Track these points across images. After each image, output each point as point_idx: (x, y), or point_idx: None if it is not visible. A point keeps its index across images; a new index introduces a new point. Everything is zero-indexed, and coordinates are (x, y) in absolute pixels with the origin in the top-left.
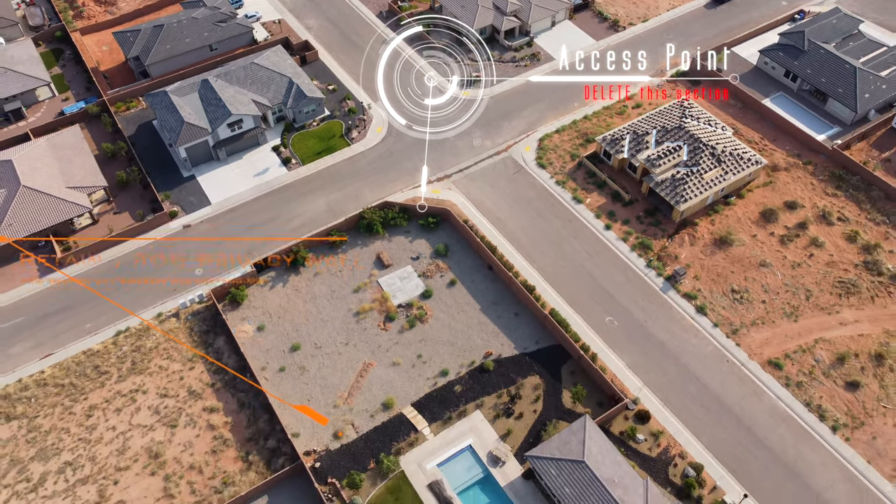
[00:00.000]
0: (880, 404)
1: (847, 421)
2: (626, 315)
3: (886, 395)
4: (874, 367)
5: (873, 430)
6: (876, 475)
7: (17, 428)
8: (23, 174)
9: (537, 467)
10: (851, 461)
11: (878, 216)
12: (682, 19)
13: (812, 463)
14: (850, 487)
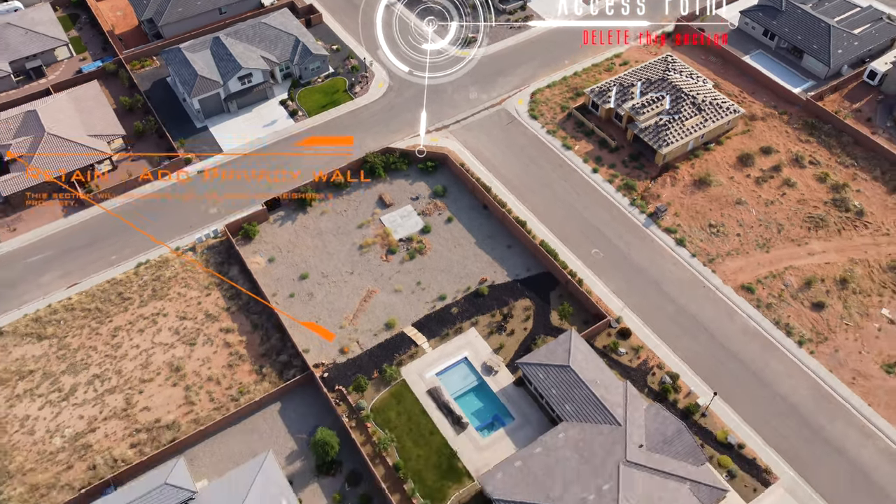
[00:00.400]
0: (843, 322)
1: (812, 336)
2: (611, 247)
3: (849, 314)
4: (838, 290)
5: (836, 344)
6: (837, 381)
7: (48, 346)
8: (47, 122)
9: (527, 372)
10: (815, 371)
11: (847, 160)
12: None
13: (779, 372)
14: (813, 392)
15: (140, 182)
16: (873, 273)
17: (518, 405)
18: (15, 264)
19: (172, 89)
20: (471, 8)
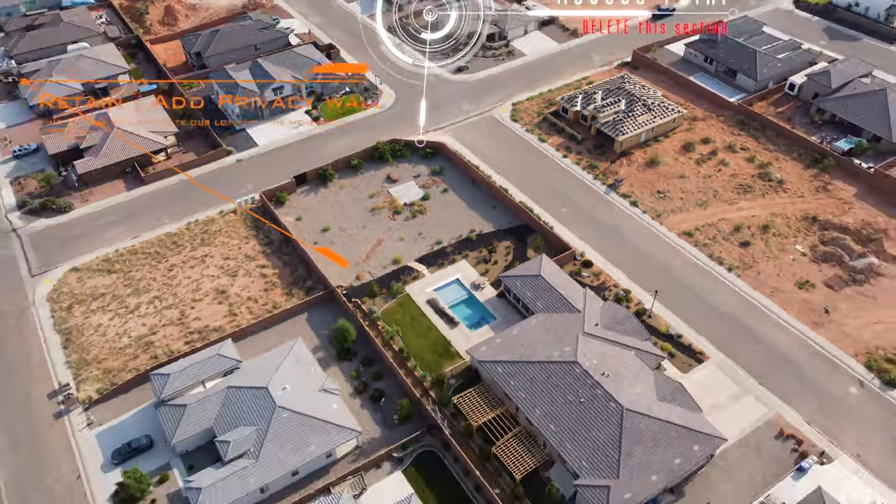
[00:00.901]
0: (764, 255)
1: (739, 265)
2: (578, 208)
3: (769, 249)
4: (761, 234)
5: (758, 269)
6: (759, 294)
7: (116, 278)
8: (115, 121)
9: (507, 283)
10: (741, 287)
11: (770, 146)
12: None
13: (712, 290)
14: (740, 302)
15: (191, 166)
16: (789, 222)
17: (499, 310)
18: (88, 223)
19: (215, 103)
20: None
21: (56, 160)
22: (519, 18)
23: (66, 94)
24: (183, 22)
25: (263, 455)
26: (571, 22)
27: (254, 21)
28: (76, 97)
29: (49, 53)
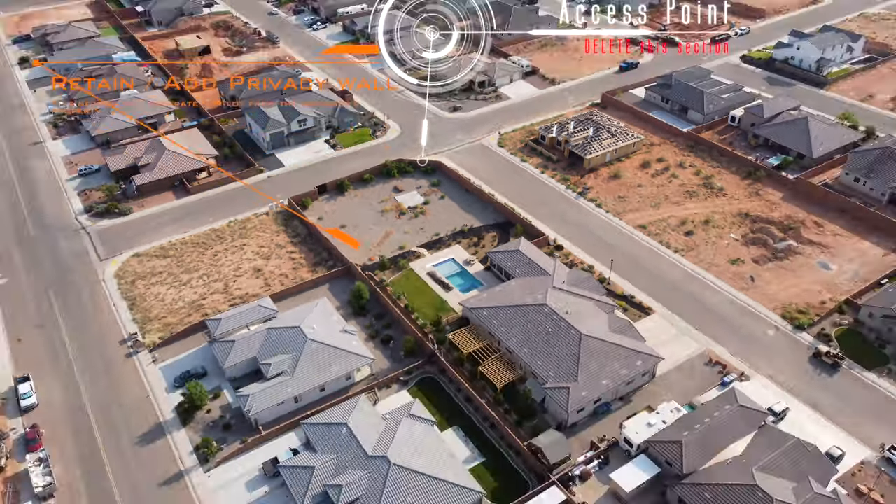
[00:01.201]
0: (704, 241)
1: (684, 248)
2: (552, 210)
3: (708, 237)
4: (703, 226)
5: (699, 251)
6: (698, 269)
7: (170, 261)
8: (166, 145)
9: (492, 258)
10: (685, 264)
11: (714, 163)
12: (599, 77)
13: (661, 266)
14: (683, 275)
15: (230, 180)
16: (726, 217)
17: (486, 280)
18: (145, 223)
19: (249, 135)
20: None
21: (116, 176)
22: (505, 71)
23: (122, 127)
24: (217, 75)
25: (297, 374)
26: (549, 69)
27: (279, 71)
28: (130, 130)
29: (105, 98)
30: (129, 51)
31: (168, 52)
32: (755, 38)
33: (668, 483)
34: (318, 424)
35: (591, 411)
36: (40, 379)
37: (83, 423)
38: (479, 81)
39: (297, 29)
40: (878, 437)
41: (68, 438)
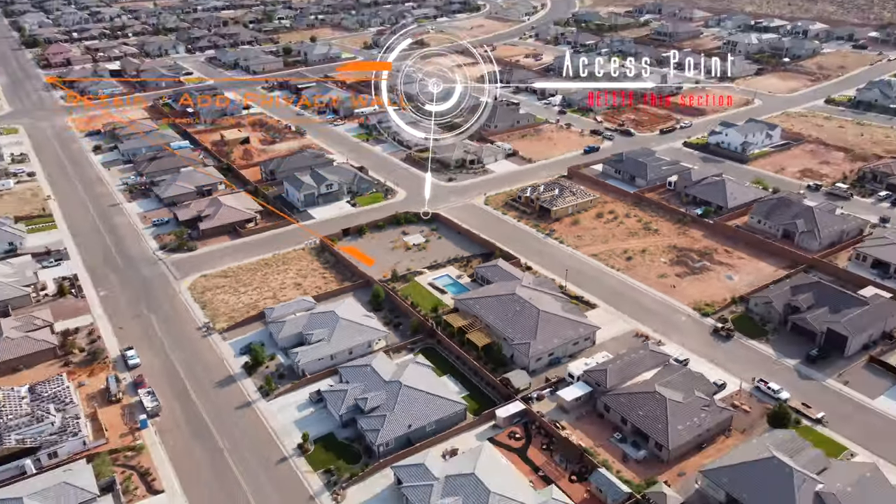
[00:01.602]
0: (639, 264)
1: (624, 268)
2: (525, 245)
3: (643, 261)
4: (640, 254)
5: (635, 270)
6: (634, 280)
7: (229, 279)
8: (223, 201)
9: (477, 271)
10: (624, 279)
11: (653, 214)
12: (567, 157)
13: (606, 280)
14: (622, 285)
15: (272, 227)
16: (658, 248)
17: (473, 288)
18: (207, 256)
19: (284, 198)
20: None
21: (184, 224)
22: (490, 153)
23: (184, 192)
24: (257, 157)
25: (332, 341)
26: (526, 152)
27: (308, 152)
28: (191, 194)
29: (167, 173)
30: (183, 140)
31: (214, 142)
32: (696, 129)
33: (597, 395)
34: (349, 367)
35: (546, 362)
36: (139, 350)
37: (175, 376)
38: (470, 160)
39: (321, 124)
40: (753, 375)
41: (165, 385)
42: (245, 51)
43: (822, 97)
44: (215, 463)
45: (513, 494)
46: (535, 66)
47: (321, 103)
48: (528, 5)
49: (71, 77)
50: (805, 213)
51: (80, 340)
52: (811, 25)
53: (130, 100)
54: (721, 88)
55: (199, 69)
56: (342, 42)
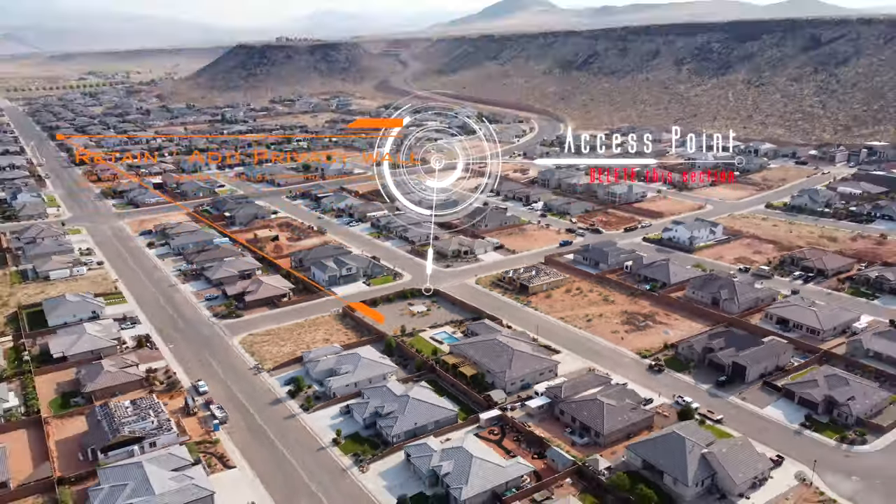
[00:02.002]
0: (598, 324)
1: (584, 326)
2: (507, 311)
3: (600, 322)
4: (598, 317)
5: (593, 328)
6: (592, 336)
7: (271, 336)
8: (262, 280)
9: (468, 326)
10: (584, 334)
11: (611, 289)
12: (545, 250)
13: (569, 335)
14: (582, 338)
15: (303, 300)
16: (613, 314)
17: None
18: (252, 321)
19: (311, 279)
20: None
21: (232, 298)
22: (481, 244)
23: (229, 275)
24: (286, 251)
25: (355, 373)
26: (511, 245)
27: (330, 247)
28: (234, 277)
29: (213, 261)
30: (223, 238)
31: (249, 239)
32: (655, 228)
33: (555, 404)
34: (370, 388)
35: (519, 387)
36: (206, 383)
37: (235, 399)
38: (464, 251)
39: (339, 226)
40: (673, 394)
41: (229, 405)
42: (270, 167)
43: (763, 203)
44: (272, 451)
45: (489, 459)
46: (522, 178)
47: (338, 208)
48: (518, 129)
49: (120, 189)
50: (728, 285)
51: (159, 376)
52: (761, 145)
53: (173, 207)
54: (680, 196)
55: (230, 182)
56: (354, 160)
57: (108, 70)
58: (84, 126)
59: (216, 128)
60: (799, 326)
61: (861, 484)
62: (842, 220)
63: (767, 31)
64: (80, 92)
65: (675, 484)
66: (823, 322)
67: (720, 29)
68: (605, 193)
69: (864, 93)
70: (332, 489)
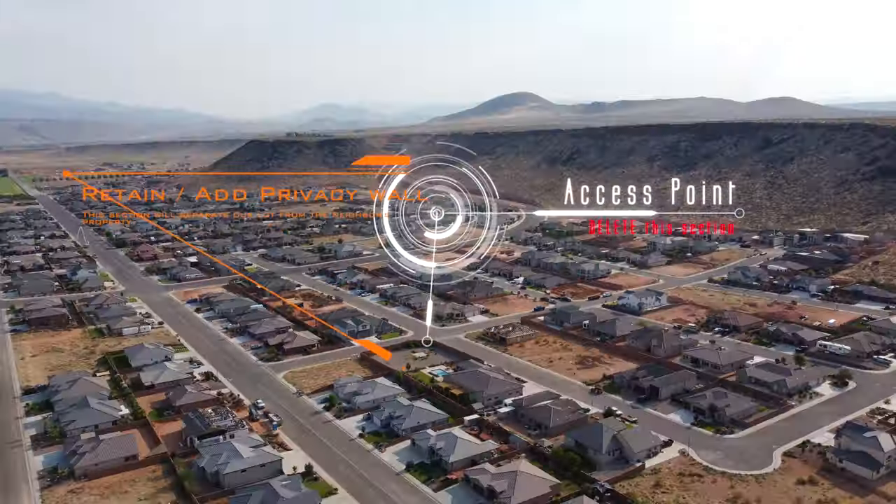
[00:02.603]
0: (559, 367)
1: (546, 366)
2: (489, 357)
3: (561, 364)
4: (558, 360)
5: (553, 366)
6: (553, 371)
7: (306, 373)
8: (296, 333)
9: (458, 367)
10: (547, 370)
11: (571, 342)
12: (523, 314)
13: (536, 372)
14: (545, 373)
15: (333, 348)
16: (570, 357)
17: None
18: (289, 363)
19: (336, 336)
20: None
21: (272, 347)
22: (469, 309)
23: (269, 330)
24: (309, 314)
25: (374, 393)
26: (495, 310)
27: (347, 310)
28: (272, 332)
29: (253, 321)
30: (258, 304)
31: (278, 307)
32: (614, 297)
33: (517, 410)
34: (384, 402)
35: (493, 402)
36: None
37: (285, 412)
38: (456, 314)
39: (352, 296)
40: (606, 406)
41: (282, 415)
42: (290, 249)
43: (706, 278)
44: (317, 441)
45: (470, 440)
46: (507, 259)
47: (351, 282)
48: (507, 218)
49: (162, 266)
50: (658, 335)
51: (227, 397)
52: (713, 232)
53: (211, 282)
54: (640, 273)
55: (255, 262)
56: (363, 243)
57: (123, 161)
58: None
59: (236, 217)
60: (706, 363)
61: (721, 455)
62: (766, 291)
63: (728, 132)
64: (103, 182)
65: (595, 454)
66: (723, 360)
67: (688, 130)
68: (576, 270)
69: (804, 187)
70: (361, 461)
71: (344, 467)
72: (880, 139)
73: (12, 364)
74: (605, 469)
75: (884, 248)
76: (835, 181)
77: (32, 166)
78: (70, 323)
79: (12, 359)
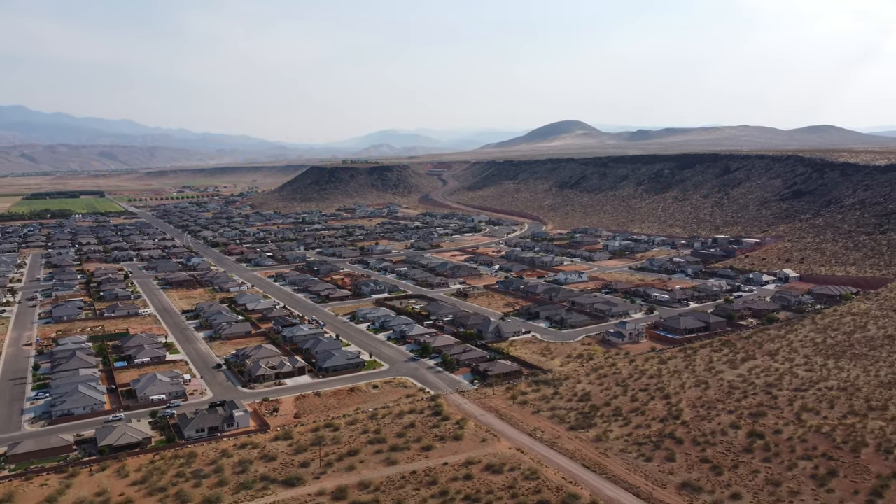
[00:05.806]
0: (493, 305)
1: (487, 305)
2: (457, 304)
3: (497, 306)
4: (497, 305)
5: (490, 306)
6: (489, 308)
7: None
8: (333, 290)
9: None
10: (484, 309)
11: (508, 297)
12: (488, 284)
13: (483, 310)
14: (483, 310)
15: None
16: (505, 303)
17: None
18: (327, 305)
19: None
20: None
21: (321, 297)
22: (453, 280)
23: (321, 289)
24: (350, 283)
25: (378, 313)
26: (470, 283)
27: (374, 280)
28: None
29: (317, 286)
30: (315, 277)
31: (332, 280)
32: (554, 277)
33: (453, 318)
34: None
35: (444, 317)
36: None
37: (328, 322)
38: (441, 283)
39: (380, 274)
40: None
41: (326, 323)
42: (338, 248)
43: (627, 266)
44: (343, 331)
45: (420, 328)
46: (494, 255)
47: (379, 267)
48: (510, 228)
49: (248, 258)
50: (556, 291)
51: (298, 317)
52: (656, 237)
53: (280, 266)
54: (585, 264)
55: (314, 256)
56: (393, 246)
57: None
58: (206, 225)
59: (299, 227)
60: (576, 303)
61: (552, 337)
62: (660, 274)
63: (700, 161)
64: (188, 201)
65: (484, 333)
66: (584, 301)
67: (671, 160)
68: (539, 262)
69: (737, 205)
70: (366, 338)
71: (356, 339)
72: (804, 168)
73: (170, 302)
74: (488, 339)
75: (761, 247)
76: (760, 201)
77: (120, 188)
78: (196, 285)
79: (169, 300)
